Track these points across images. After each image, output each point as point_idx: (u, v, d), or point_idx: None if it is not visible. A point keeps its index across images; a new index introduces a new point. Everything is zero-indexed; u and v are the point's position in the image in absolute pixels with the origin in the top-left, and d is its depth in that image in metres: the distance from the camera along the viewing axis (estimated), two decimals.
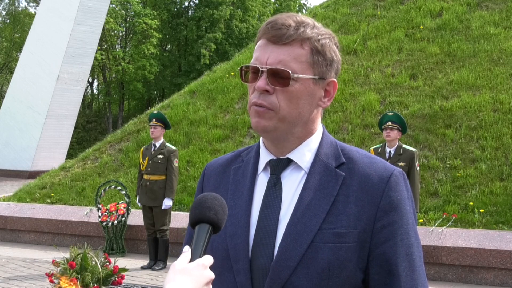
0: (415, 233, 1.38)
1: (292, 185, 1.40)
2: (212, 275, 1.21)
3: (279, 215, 1.37)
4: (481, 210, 8.27)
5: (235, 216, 1.37)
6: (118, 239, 9.02)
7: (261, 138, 1.48)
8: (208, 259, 1.21)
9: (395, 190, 1.36)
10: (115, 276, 5.75)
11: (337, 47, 1.43)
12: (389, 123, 7.05)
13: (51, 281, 5.61)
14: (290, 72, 1.34)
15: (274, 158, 1.43)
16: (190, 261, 1.20)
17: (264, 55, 1.37)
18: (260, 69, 1.36)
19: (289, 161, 1.42)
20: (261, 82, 1.36)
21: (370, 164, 1.40)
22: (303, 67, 1.37)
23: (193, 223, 1.26)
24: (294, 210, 1.36)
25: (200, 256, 1.21)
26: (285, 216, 1.37)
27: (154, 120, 8.18)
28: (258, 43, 1.40)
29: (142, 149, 8.53)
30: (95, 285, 5.51)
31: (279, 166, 1.42)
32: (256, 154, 1.48)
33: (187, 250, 1.22)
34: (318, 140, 1.44)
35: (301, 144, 1.42)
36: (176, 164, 8.22)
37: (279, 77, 1.35)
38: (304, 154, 1.41)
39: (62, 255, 6.48)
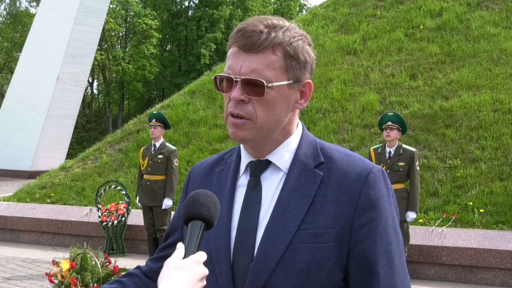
0: (395, 231, 1.38)
1: (272, 186, 1.41)
2: (206, 271, 1.22)
3: (259, 217, 1.38)
4: (481, 210, 8.27)
5: (217, 219, 1.37)
6: (118, 239, 9.01)
7: None
8: (202, 255, 1.23)
9: (374, 188, 1.36)
10: (115, 276, 5.75)
11: (310, 46, 1.42)
12: (389, 123, 7.05)
13: (51, 281, 5.61)
14: (264, 81, 1.34)
15: (254, 160, 1.44)
16: (184, 257, 1.21)
17: (237, 64, 1.36)
18: (234, 79, 1.35)
19: (269, 163, 1.42)
20: (236, 92, 1.35)
21: (348, 162, 1.40)
22: (276, 74, 1.36)
23: (186, 220, 1.27)
24: (273, 211, 1.37)
25: (194, 253, 1.22)
26: (265, 217, 1.38)
27: (154, 120, 8.18)
28: (230, 51, 1.39)
29: (142, 149, 8.53)
30: (95, 285, 5.51)
31: (258, 167, 1.43)
32: (237, 156, 1.49)
33: (180, 247, 1.23)
34: (297, 140, 1.44)
35: (280, 146, 1.42)
36: (176, 164, 8.22)
37: (253, 87, 1.34)
38: (283, 155, 1.42)
39: (61, 255, 6.48)
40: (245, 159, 1.46)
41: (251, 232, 1.37)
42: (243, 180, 1.45)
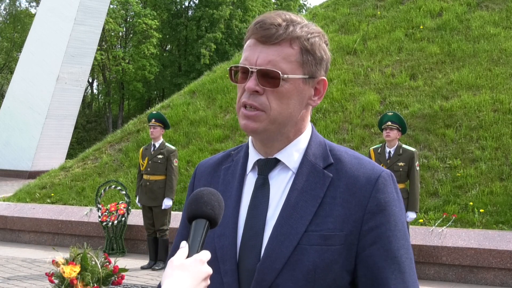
0: (404, 235, 1.36)
1: (280, 186, 1.39)
2: (210, 270, 1.21)
3: (266, 216, 1.37)
4: (481, 210, 8.27)
5: (224, 217, 1.35)
6: (118, 239, 9.01)
7: (250, 137, 1.47)
8: (206, 254, 1.21)
9: (383, 192, 1.35)
10: (115, 276, 5.75)
11: (326, 45, 1.42)
12: (389, 123, 7.05)
13: (51, 281, 5.61)
14: (279, 72, 1.33)
15: (262, 158, 1.42)
16: (188, 256, 1.20)
17: (254, 55, 1.36)
18: (250, 69, 1.35)
19: (277, 161, 1.41)
20: (251, 83, 1.34)
21: (358, 165, 1.38)
22: (292, 67, 1.35)
23: (190, 218, 1.25)
24: (281, 211, 1.36)
25: (198, 252, 1.21)
26: (272, 217, 1.37)
27: (153, 120, 8.18)
28: (247, 43, 1.39)
29: (141, 149, 8.53)
30: (95, 285, 5.51)
31: (267, 166, 1.41)
32: (245, 154, 1.47)
33: (184, 246, 1.22)
34: (306, 140, 1.43)
35: (290, 144, 1.41)
36: (176, 164, 8.22)
37: (269, 78, 1.34)
38: (292, 154, 1.40)
39: (62, 255, 6.47)
40: (253, 156, 1.44)
41: (258, 232, 1.36)
42: (251, 178, 1.43)
